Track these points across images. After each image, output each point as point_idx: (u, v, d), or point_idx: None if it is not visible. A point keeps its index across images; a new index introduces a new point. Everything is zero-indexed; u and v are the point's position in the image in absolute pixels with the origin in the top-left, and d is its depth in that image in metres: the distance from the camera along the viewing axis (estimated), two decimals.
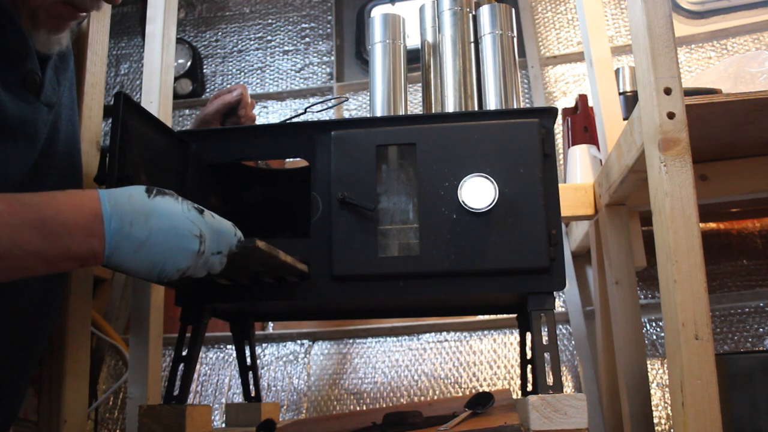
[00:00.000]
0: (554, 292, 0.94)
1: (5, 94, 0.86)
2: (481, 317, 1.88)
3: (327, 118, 1.44)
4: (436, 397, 1.81)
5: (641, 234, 1.53)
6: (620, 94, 1.64)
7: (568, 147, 1.75)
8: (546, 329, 0.92)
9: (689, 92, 0.99)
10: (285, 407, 1.88)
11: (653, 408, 1.66)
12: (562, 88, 2.19)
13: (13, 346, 0.97)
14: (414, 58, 1.15)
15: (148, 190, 0.77)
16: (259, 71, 2.46)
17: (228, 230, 0.82)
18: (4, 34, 0.86)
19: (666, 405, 1.70)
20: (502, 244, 0.92)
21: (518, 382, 1.78)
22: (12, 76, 0.88)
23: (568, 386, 1.78)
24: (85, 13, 0.95)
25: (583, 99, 1.79)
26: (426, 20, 1.19)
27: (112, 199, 0.74)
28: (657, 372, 1.74)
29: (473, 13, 1.14)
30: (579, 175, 1.66)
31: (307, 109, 1.28)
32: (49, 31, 0.92)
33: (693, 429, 0.84)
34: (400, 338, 1.91)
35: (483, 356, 1.85)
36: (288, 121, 1.10)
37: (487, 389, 1.67)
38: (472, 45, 1.12)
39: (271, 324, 2.03)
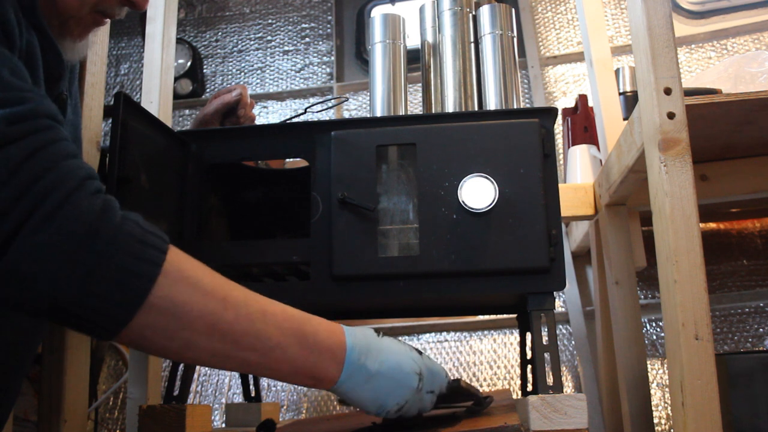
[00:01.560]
0: (554, 292, 0.94)
1: None
2: (481, 317, 1.88)
3: (327, 118, 1.44)
4: None
5: (641, 234, 1.53)
6: (620, 94, 1.64)
7: (568, 147, 1.75)
8: (546, 329, 0.92)
9: (689, 92, 0.99)
10: (285, 407, 1.88)
11: (653, 408, 1.66)
12: (562, 88, 2.19)
13: (10, 343, 0.97)
14: (414, 58, 1.15)
15: (377, 331, 0.84)
16: (259, 71, 2.46)
17: (440, 371, 0.85)
18: (46, 56, 0.86)
19: (666, 405, 1.70)
20: (502, 244, 0.92)
21: (518, 382, 1.78)
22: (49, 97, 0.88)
23: (568, 386, 1.78)
24: (109, 20, 0.96)
25: (583, 99, 1.79)
26: (426, 20, 1.19)
27: (353, 332, 0.79)
28: (657, 372, 1.74)
29: (473, 13, 1.14)
30: (579, 175, 1.66)
31: (307, 110, 1.28)
32: (75, 39, 0.92)
33: (693, 429, 0.84)
34: (400, 338, 1.91)
35: (483, 356, 1.85)
36: (288, 121, 1.10)
37: (487, 389, 1.67)
38: (472, 45, 1.12)
39: None
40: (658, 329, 1.80)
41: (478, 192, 0.92)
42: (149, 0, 0.95)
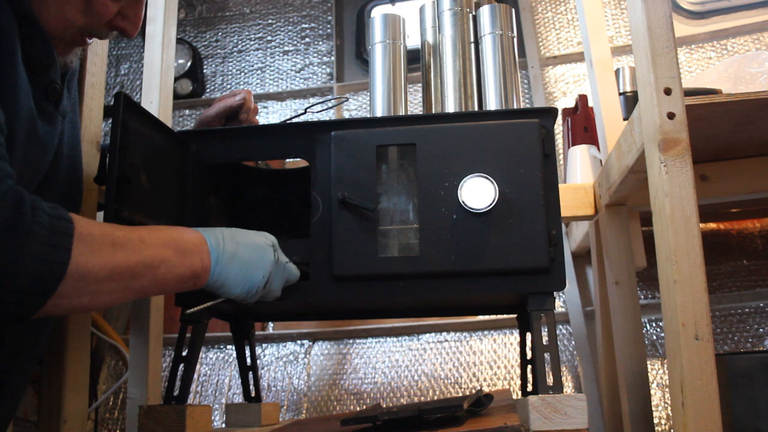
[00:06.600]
0: (554, 292, 0.94)
1: (35, 108, 0.87)
2: (481, 317, 1.88)
3: (327, 118, 1.44)
4: (436, 397, 1.81)
5: (641, 234, 1.53)
6: (620, 94, 1.64)
7: (568, 147, 1.75)
8: (546, 329, 0.92)
9: (689, 92, 0.99)
10: (285, 407, 1.88)
11: (653, 408, 1.66)
12: (562, 88, 2.19)
13: (14, 346, 0.97)
14: (414, 58, 1.15)
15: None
16: (259, 71, 2.46)
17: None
18: (32, 43, 0.87)
19: (666, 405, 1.70)
20: (502, 244, 0.92)
21: (518, 382, 1.78)
22: (36, 86, 0.89)
23: (568, 386, 1.78)
24: (94, 40, 0.98)
25: (583, 99, 1.79)
26: (426, 20, 1.19)
27: (202, 229, 0.89)
28: (657, 372, 1.74)
29: (473, 13, 1.14)
30: (579, 175, 1.66)
31: (307, 110, 1.28)
32: (59, 55, 0.93)
33: (693, 429, 0.84)
34: (400, 338, 1.92)
35: (483, 356, 1.85)
36: (288, 122, 1.10)
37: (487, 389, 1.67)
38: (472, 45, 1.12)
39: (271, 324, 2.03)
40: (658, 329, 1.80)
41: (478, 192, 0.92)
42: (139, 27, 0.97)
